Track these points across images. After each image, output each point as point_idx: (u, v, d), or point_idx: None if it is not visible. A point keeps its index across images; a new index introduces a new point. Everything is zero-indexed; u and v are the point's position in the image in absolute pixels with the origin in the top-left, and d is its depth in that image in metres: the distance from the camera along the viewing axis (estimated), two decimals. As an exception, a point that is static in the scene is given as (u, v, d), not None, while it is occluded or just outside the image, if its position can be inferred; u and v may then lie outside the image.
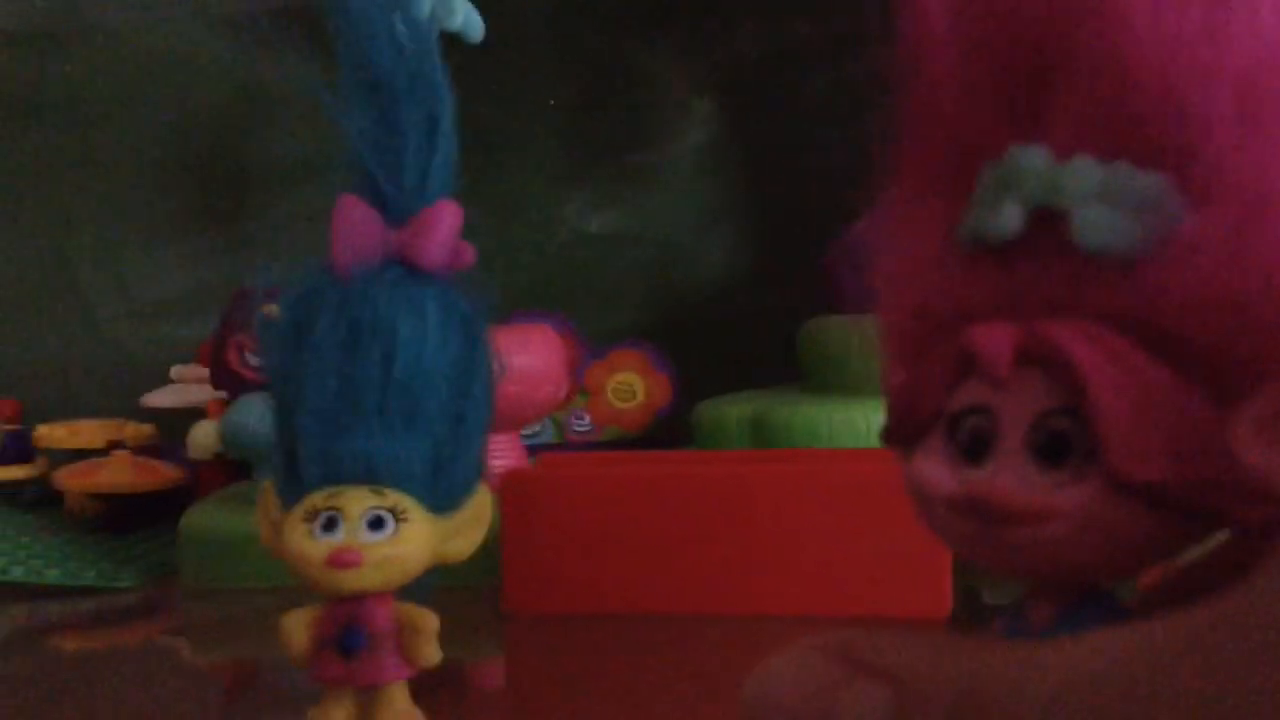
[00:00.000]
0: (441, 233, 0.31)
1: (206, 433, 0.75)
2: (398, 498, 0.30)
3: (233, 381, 0.68)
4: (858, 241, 0.21)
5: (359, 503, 0.29)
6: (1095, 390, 0.17)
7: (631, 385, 0.87)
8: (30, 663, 0.50)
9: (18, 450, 0.83)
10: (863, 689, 0.15)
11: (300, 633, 0.31)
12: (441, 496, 0.31)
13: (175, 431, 0.81)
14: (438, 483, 0.31)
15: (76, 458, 0.76)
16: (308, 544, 0.29)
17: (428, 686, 0.33)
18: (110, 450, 0.75)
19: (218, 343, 0.69)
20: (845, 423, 0.63)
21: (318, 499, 0.29)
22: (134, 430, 0.81)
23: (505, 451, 0.66)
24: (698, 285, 0.94)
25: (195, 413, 0.81)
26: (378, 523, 0.29)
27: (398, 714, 0.32)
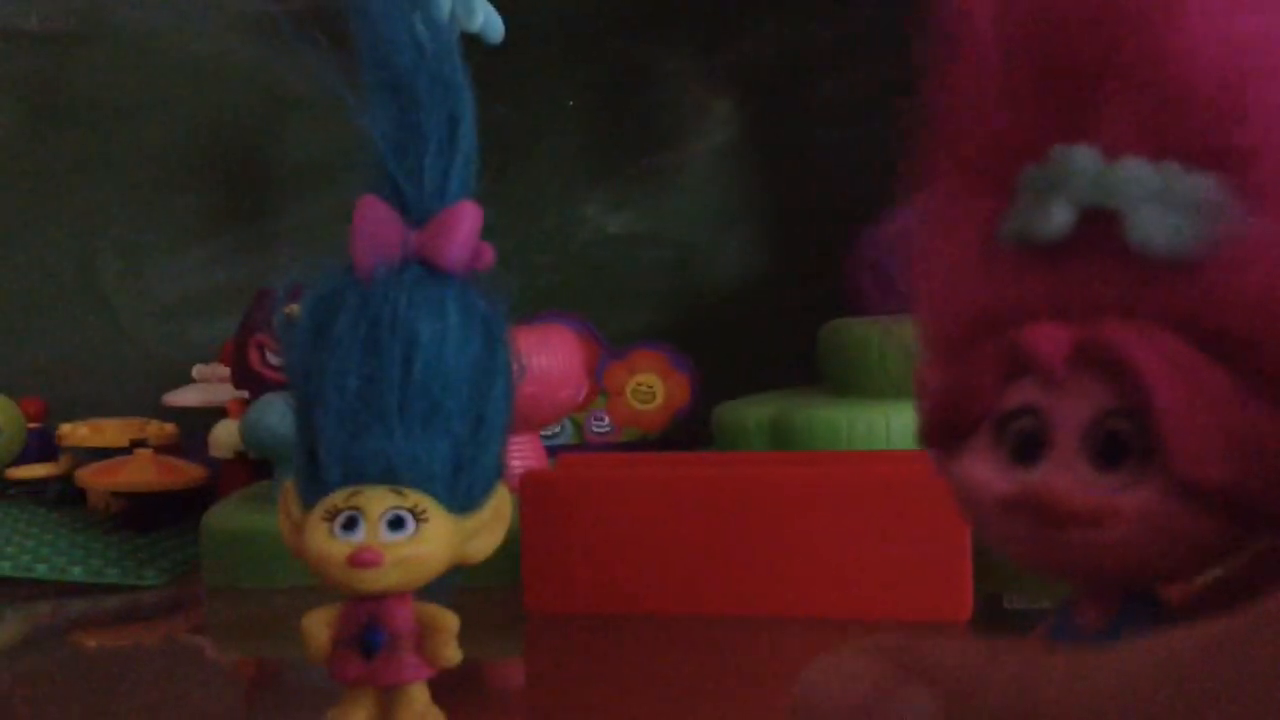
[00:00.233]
0: (462, 233, 0.31)
1: (229, 432, 0.75)
2: (418, 498, 0.30)
3: (254, 381, 0.68)
4: (879, 243, 0.21)
5: (379, 502, 0.29)
6: (1157, 393, 0.16)
7: (651, 386, 0.87)
8: (53, 659, 0.50)
9: (42, 448, 0.83)
10: (914, 693, 0.15)
11: (321, 632, 0.31)
12: (461, 496, 0.31)
13: (197, 430, 0.81)
14: (458, 483, 0.31)
15: (100, 456, 0.77)
16: (328, 543, 0.29)
17: (447, 686, 0.33)
18: (133, 449, 0.75)
19: (240, 342, 0.69)
20: (865, 424, 0.63)
21: (338, 499, 0.29)
22: (156, 429, 0.81)
23: (525, 452, 0.66)
24: (717, 286, 0.94)
25: (217, 412, 0.81)
26: (398, 522, 0.29)
27: (418, 714, 0.32)
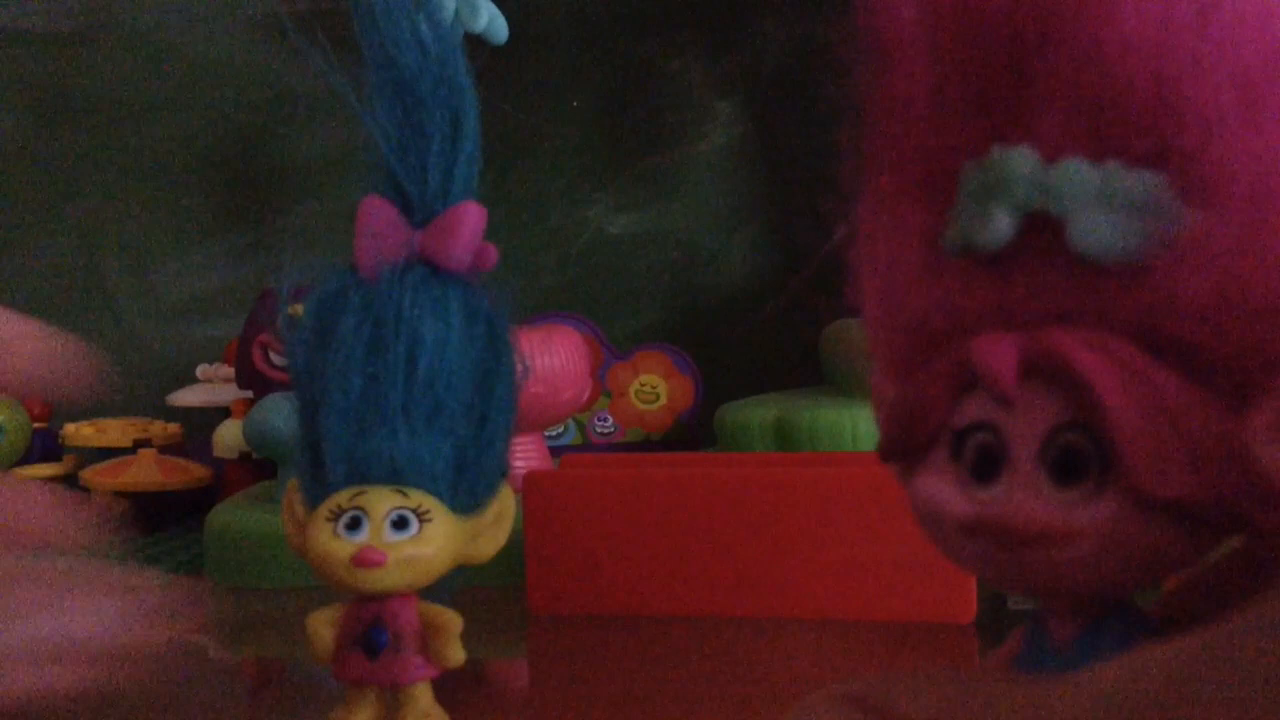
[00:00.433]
0: (465, 234, 0.31)
1: (232, 432, 0.76)
2: (421, 498, 0.30)
3: (258, 381, 0.68)
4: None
5: (383, 502, 0.29)
6: (1109, 404, 0.16)
7: (654, 387, 0.87)
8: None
9: (45, 448, 0.83)
10: None
11: (325, 632, 0.31)
12: (465, 497, 0.31)
13: (201, 430, 0.81)
14: (461, 483, 0.31)
15: (103, 456, 0.77)
16: (333, 543, 0.29)
17: (451, 686, 0.33)
18: (137, 449, 0.75)
19: (244, 342, 0.69)
20: (868, 425, 0.63)
21: (342, 498, 0.29)
22: (160, 429, 0.81)
23: (529, 452, 0.66)
24: (721, 287, 0.94)
25: (221, 412, 0.81)
26: (401, 523, 0.29)
27: (421, 714, 0.32)
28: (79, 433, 0.80)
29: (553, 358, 0.65)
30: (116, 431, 0.80)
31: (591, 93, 0.95)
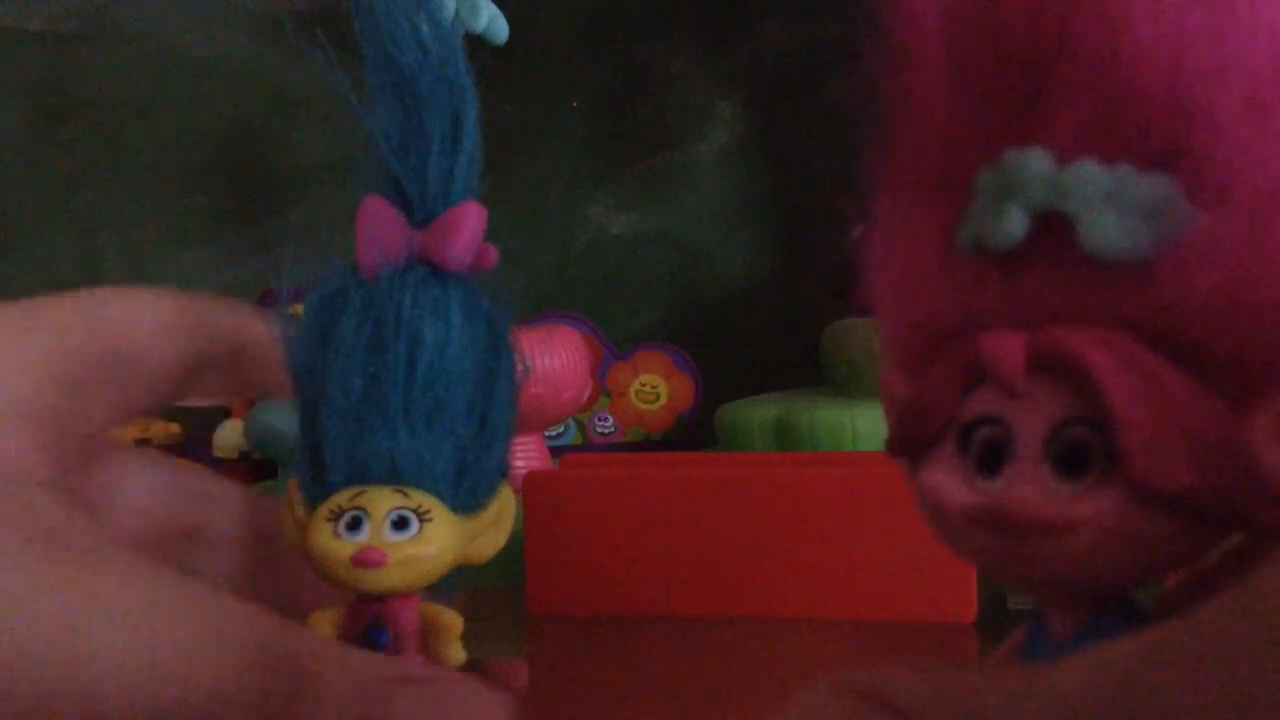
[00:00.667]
0: (466, 234, 0.31)
1: (232, 432, 0.76)
2: (421, 498, 0.30)
3: (258, 381, 0.68)
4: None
5: (383, 502, 0.29)
6: (1114, 398, 0.16)
7: (655, 387, 0.87)
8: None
9: (46, 448, 0.83)
10: None
11: (326, 632, 0.31)
12: (465, 497, 0.31)
13: (201, 430, 0.81)
14: (461, 483, 0.31)
15: (104, 456, 0.76)
16: (333, 543, 0.29)
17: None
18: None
19: (243, 343, 0.69)
20: (869, 425, 0.63)
21: (342, 498, 0.29)
22: (160, 429, 0.81)
23: (529, 452, 0.66)
24: (721, 287, 0.94)
25: (221, 412, 0.81)
26: (402, 523, 0.29)
27: None
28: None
29: (553, 358, 0.65)
30: (117, 431, 0.80)
31: (591, 93, 0.95)
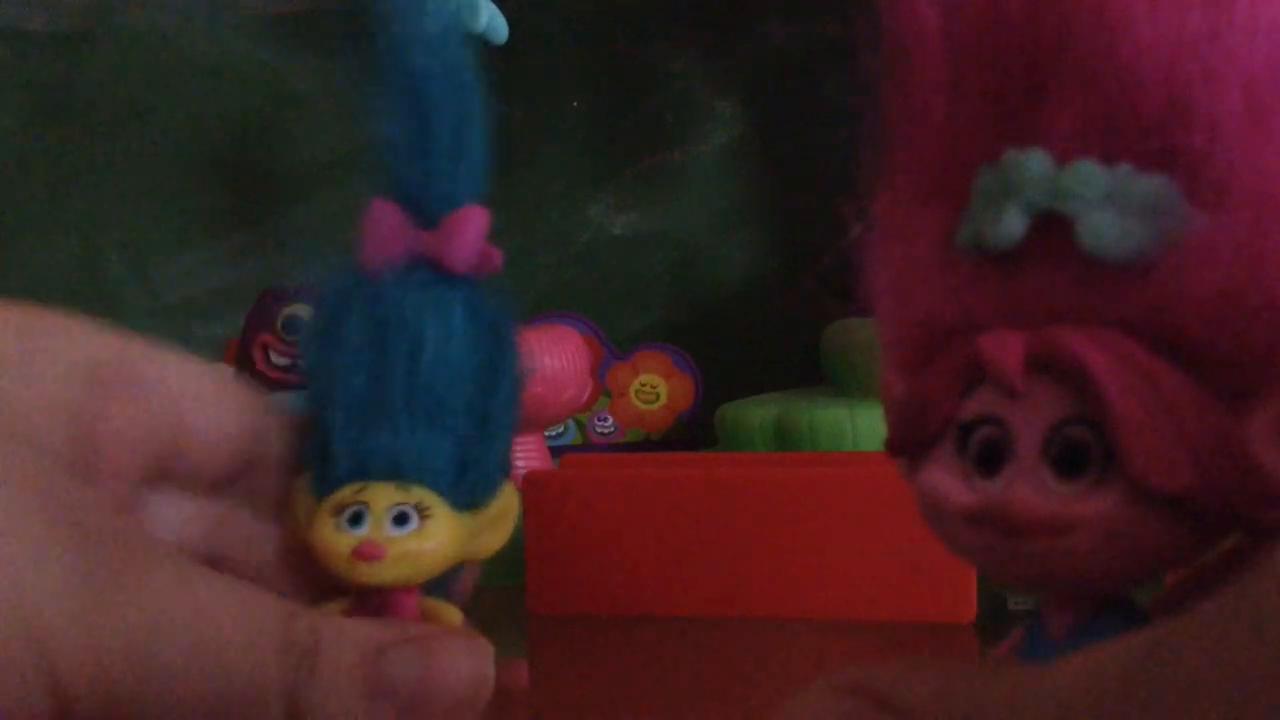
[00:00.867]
0: (469, 236, 0.32)
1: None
2: (422, 494, 0.30)
3: (259, 381, 0.69)
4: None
5: (384, 498, 0.30)
6: (1112, 398, 0.16)
7: (655, 387, 0.87)
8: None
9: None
10: None
11: None
12: (466, 493, 0.31)
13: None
14: (463, 480, 0.31)
15: (104, 456, 0.76)
16: (334, 537, 0.30)
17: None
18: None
19: (244, 343, 0.69)
20: (868, 425, 0.63)
21: (346, 493, 0.30)
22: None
23: (529, 452, 0.66)
24: (721, 287, 0.94)
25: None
26: (402, 518, 0.30)
27: None
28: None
29: (553, 358, 0.65)
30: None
31: (591, 93, 0.95)
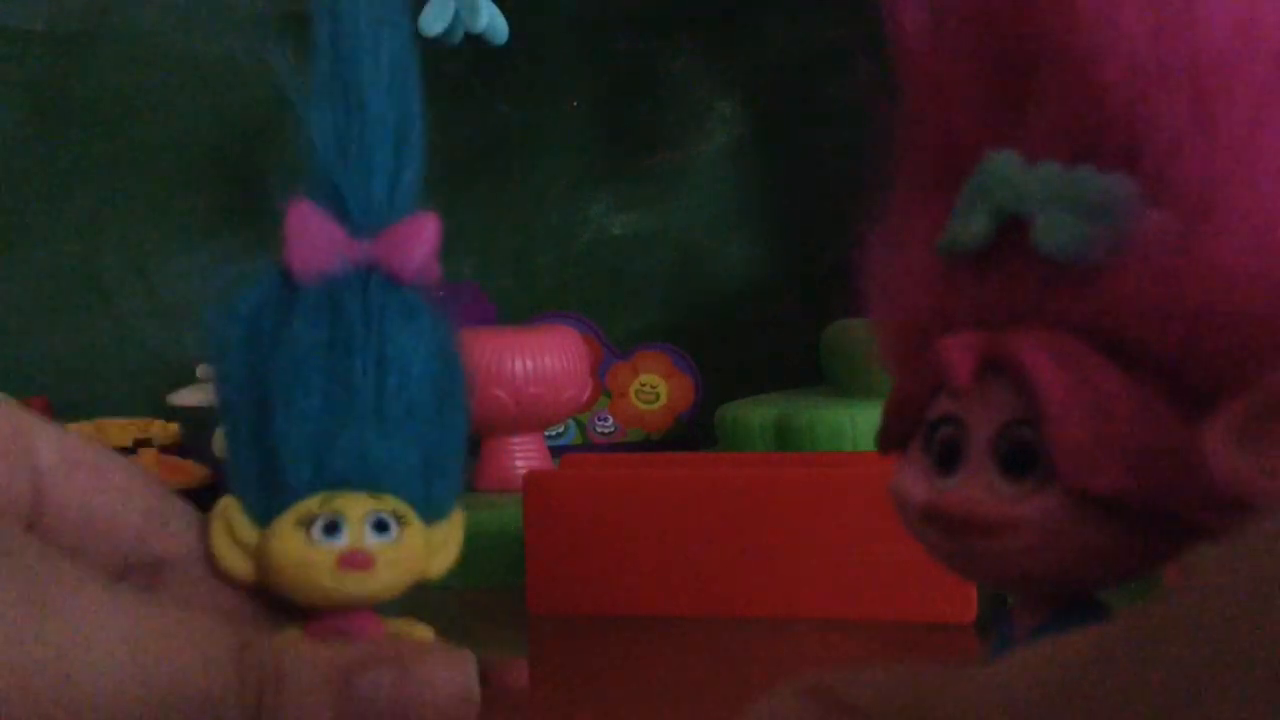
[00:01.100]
0: (425, 246, 0.30)
1: (232, 432, 0.75)
2: (395, 502, 0.28)
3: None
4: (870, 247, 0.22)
5: (359, 506, 0.28)
6: (1047, 400, 0.16)
7: (655, 387, 0.87)
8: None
9: (46, 448, 0.83)
10: None
11: None
12: (433, 504, 0.30)
13: (201, 430, 0.81)
14: (430, 489, 0.29)
15: (104, 456, 0.76)
16: (309, 550, 0.27)
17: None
18: (137, 449, 0.75)
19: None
20: (869, 425, 0.63)
21: (311, 504, 0.28)
22: (161, 429, 0.81)
23: (529, 452, 0.66)
24: (721, 287, 0.94)
25: (221, 412, 0.81)
26: (381, 526, 0.28)
27: None
28: (80, 432, 0.80)
29: (553, 358, 0.65)
30: (116, 431, 0.80)
31: (592, 93, 0.95)
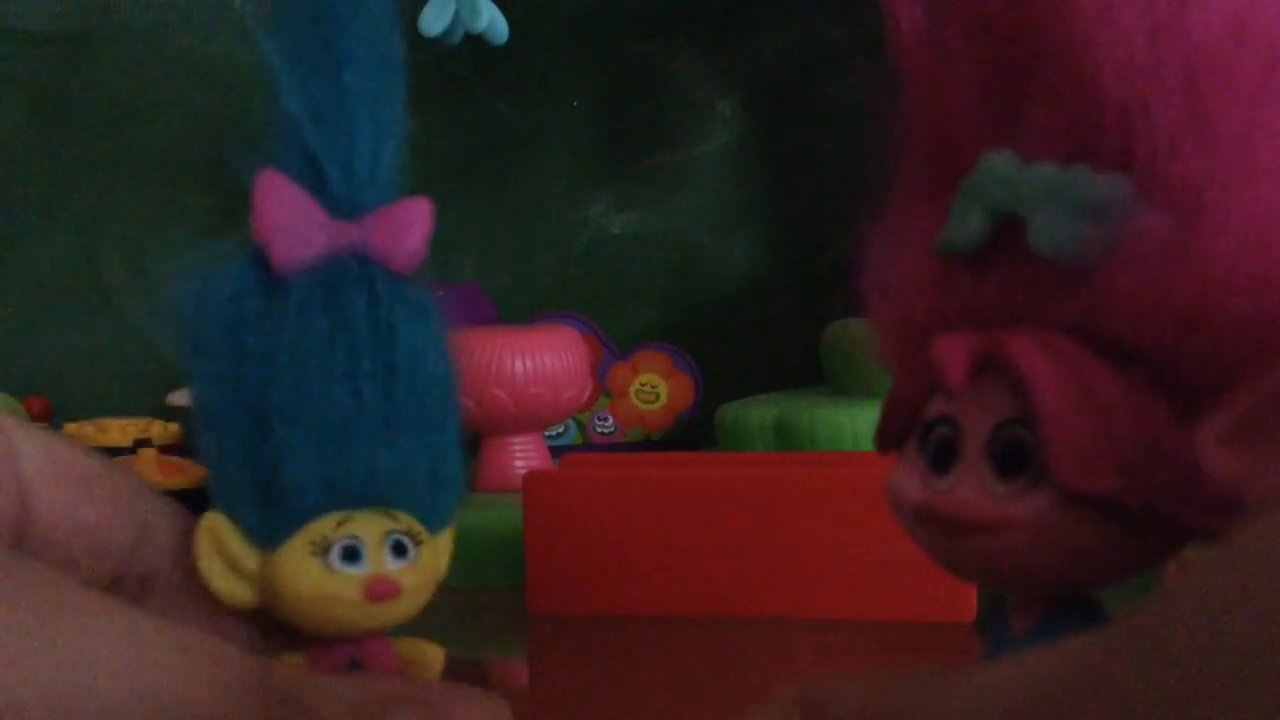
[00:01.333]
0: (419, 232, 0.28)
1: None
2: (409, 520, 0.26)
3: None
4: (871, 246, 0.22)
5: (375, 527, 0.25)
6: (1041, 400, 0.16)
7: (655, 387, 0.87)
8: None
9: (46, 448, 0.83)
10: None
11: None
12: (440, 514, 0.27)
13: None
14: (435, 500, 0.27)
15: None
16: (331, 580, 0.24)
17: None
18: (137, 448, 0.75)
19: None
20: (868, 425, 0.63)
21: (325, 527, 0.25)
22: (160, 429, 0.81)
23: (529, 453, 0.66)
24: (721, 287, 0.94)
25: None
26: (399, 548, 0.25)
27: None
28: (79, 433, 0.80)
29: (553, 358, 0.65)
30: (116, 431, 0.80)
31: (592, 92, 0.95)
